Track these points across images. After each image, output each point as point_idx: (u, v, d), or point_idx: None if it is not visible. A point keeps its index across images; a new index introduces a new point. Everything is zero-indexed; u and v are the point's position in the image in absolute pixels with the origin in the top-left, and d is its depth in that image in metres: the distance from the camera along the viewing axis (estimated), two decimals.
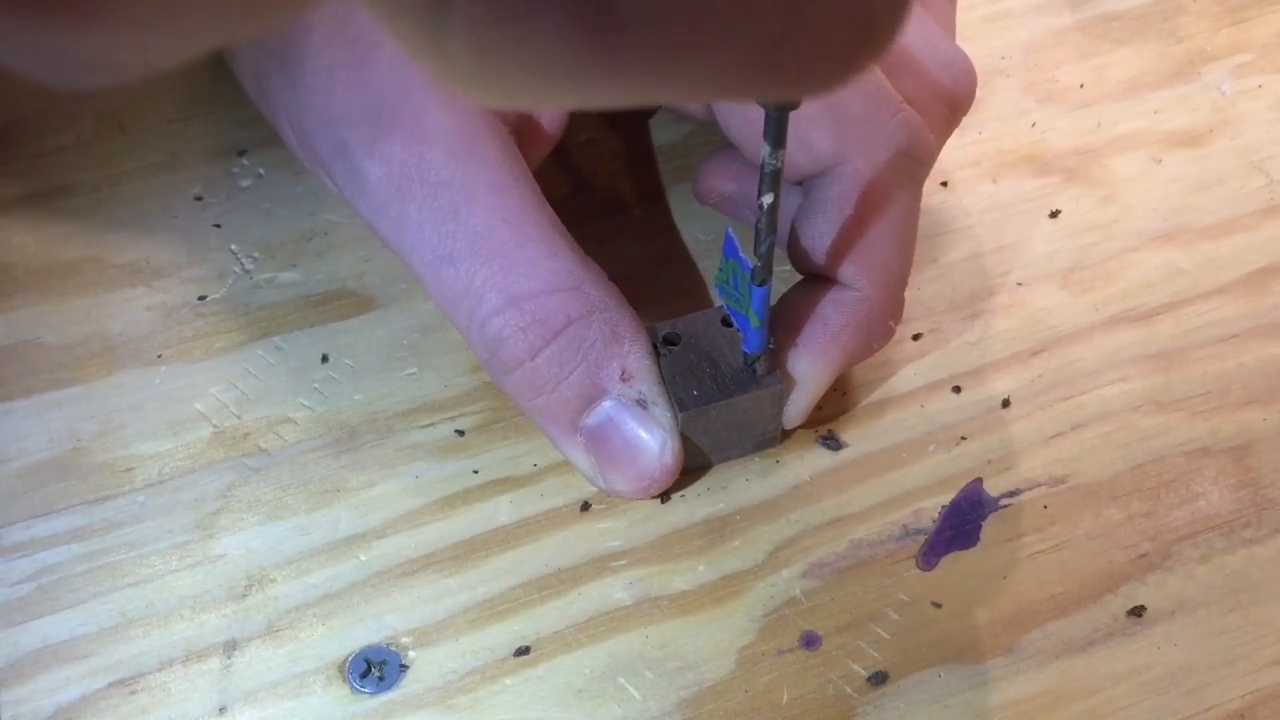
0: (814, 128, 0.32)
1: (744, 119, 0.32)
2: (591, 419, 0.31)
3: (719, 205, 0.37)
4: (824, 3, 0.13)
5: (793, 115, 0.31)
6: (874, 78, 0.32)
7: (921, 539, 0.32)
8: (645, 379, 0.31)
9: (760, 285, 0.29)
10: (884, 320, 0.32)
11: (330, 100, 0.32)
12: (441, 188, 0.30)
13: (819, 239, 0.32)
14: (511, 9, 0.12)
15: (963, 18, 0.39)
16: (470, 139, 0.31)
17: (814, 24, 0.13)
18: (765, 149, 0.27)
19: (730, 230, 0.29)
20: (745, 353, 0.31)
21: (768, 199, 0.28)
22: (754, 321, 0.30)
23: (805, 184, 0.33)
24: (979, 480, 0.33)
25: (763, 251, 0.29)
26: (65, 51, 0.12)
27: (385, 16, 0.13)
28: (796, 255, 0.33)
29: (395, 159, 0.31)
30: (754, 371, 0.31)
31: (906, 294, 0.33)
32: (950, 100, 0.34)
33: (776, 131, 0.26)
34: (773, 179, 0.27)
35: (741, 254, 0.29)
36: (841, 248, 0.32)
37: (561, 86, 0.13)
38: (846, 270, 0.32)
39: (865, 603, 0.31)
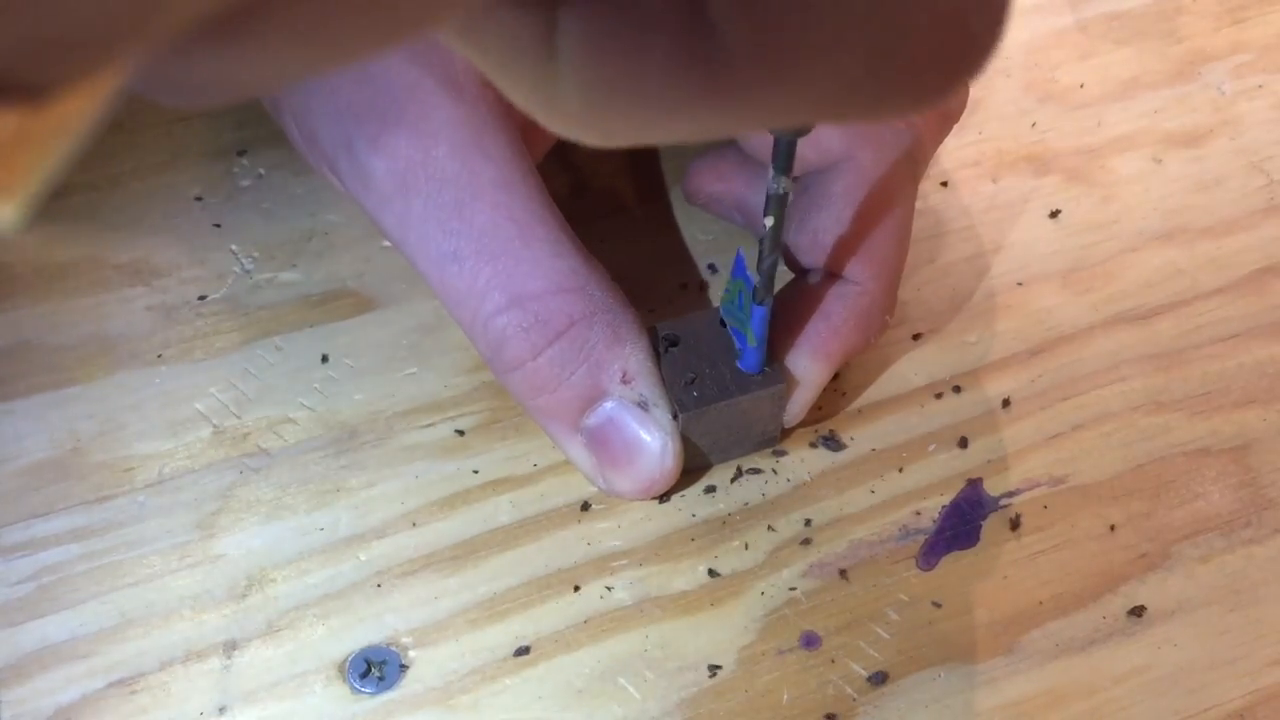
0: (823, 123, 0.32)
1: None
2: (592, 419, 0.31)
3: (707, 205, 0.37)
4: (924, 18, 0.13)
5: None
6: None
7: (921, 539, 0.32)
8: (646, 380, 0.31)
9: (760, 304, 0.29)
10: (882, 314, 0.33)
11: (336, 95, 0.32)
12: (447, 184, 0.30)
13: (822, 234, 0.32)
14: (619, 49, 0.12)
15: None
16: (477, 134, 0.31)
17: (915, 39, 0.13)
18: (771, 173, 0.27)
19: (741, 250, 0.29)
20: (741, 370, 0.31)
21: (769, 221, 0.28)
22: (751, 341, 0.30)
23: (804, 179, 0.33)
24: (979, 480, 0.33)
25: (765, 269, 0.29)
26: (208, 72, 0.11)
27: (494, 67, 0.13)
28: (796, 250, 0.33)
29: (400, 154, 0.31)
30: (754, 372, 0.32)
31: (906, 294, 0.33)
32: (943, 108, 0.34)
33: (785, 158, 0.26)
34: (778, 203, 0.27)
35: (748, 273, 0.29)
36: (846, 243, 0.32)
37: (671, 121, 0.13)
38: (851, 264, 0.32)
39: (865, 603, 0.31)
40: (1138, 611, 0.31)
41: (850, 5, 0.13)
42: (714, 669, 0.30)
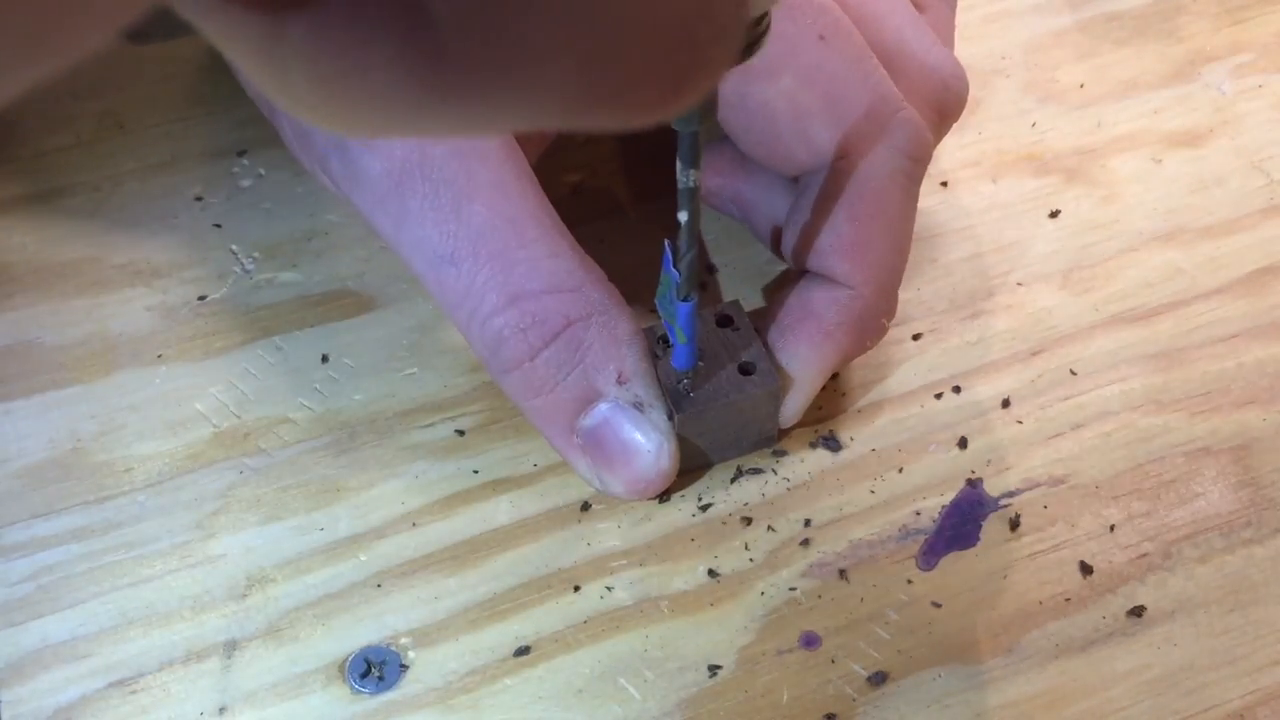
0: (815, 122, 0.31)
1: (745, 110, 0.32)
2: (588, 421, 0.31)
3: (704, 199, 0.37)
4: (642, 26, 0.13)
5: (795, 109, 0.31)
6: (877, 75, 0.32)
7: (921, 539, 0.32)
8: (641, 381, 0.31)
9: (684, 300, 0.29)
10: (878, 318, 0.32)
11: None
12: (443, 185, 0.30)
13: (816, 235, 0.32)
14: (345, 42, 0.13)
15: (963, 18, 0.39)
16: None
17: (634, 48, 0.13)
18: (679, 167, 0.27)
19: (668, 243, 0.29)
20: (674, 369, 0.31)
21: (683, 216, 0.28)
22: (680, 338, 0.30)
23: (802, 179, 0.33)
24: (979, 480, 0.33)
25: (684, 266, 0.28)
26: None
27: (225, 43, 0.13)
28: (791, 252, 0.33)
29: (396, 154, 0.31)
30: (749, 371, 0.32)
31: (906, 294, 0.33)
32: (941, 107, 0.34)
33: (690, 151, 0.26)
34: (688, 196, 0.27)
35: (673, 268, 0.29)
36: (839, 245, 0.32)
37: (402, 116, 0.14)
38: (843, 268, 0.32)
39: (865, 603, 0.31)
40: (1138, 611, 0.31)
41: (565, 11, 0.13)
42: (714, 669, 0.30)
